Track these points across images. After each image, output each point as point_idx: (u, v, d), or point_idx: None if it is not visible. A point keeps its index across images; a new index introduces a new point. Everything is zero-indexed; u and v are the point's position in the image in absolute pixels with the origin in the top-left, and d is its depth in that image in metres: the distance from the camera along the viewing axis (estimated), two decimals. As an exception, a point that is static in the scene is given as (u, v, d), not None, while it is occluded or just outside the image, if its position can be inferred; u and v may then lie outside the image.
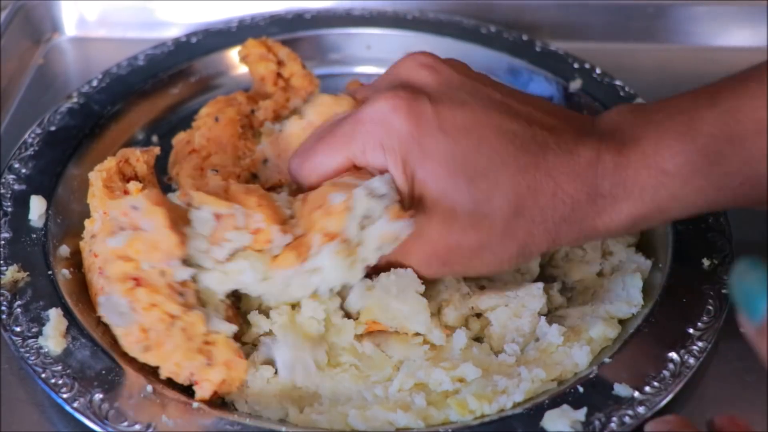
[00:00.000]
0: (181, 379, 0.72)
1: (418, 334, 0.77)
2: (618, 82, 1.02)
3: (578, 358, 0.76)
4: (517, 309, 0.79)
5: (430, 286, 0.78)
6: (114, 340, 0.75)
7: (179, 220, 0.72)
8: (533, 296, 0.79)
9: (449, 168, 0.72)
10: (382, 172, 0.74)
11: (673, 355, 0.74)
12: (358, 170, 0.75)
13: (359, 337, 0.77)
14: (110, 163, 0.81)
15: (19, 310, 0.77)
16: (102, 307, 0.74)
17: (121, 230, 0.72)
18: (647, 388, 0.72)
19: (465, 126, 0.72)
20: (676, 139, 0.70)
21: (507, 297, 0.79)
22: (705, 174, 0.70)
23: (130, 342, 0.72)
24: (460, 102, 0.74)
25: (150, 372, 0.73)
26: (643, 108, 0.75)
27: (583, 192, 0.72)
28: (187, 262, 0.72)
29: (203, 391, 0.72)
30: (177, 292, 0.72)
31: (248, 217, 0.72)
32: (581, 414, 0.70)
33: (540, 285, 0.80)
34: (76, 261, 0.84)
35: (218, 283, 0.73)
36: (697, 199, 0.72)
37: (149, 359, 0.72)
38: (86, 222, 0.81)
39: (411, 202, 0.73)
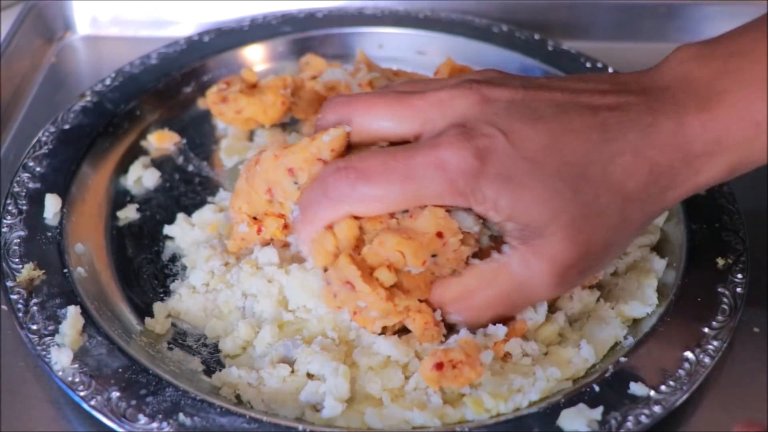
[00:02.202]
0: None
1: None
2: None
3: (587, 354, 0.76)
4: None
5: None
6: (129, 337, 0.76)
7: None
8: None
9: (548, 189, 0.69)
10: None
11: (689, 354, 0.74)
12: None
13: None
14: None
15: (35, 308, 0.77)
16: None
17: None
18: (663, 387, 0.72)
19: (544, 145, 0.70)
20: (764, 89, 0.69)
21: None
22: None
23: None
24: (530, 121, 0.71)
25: (167, 370, 0.74)
26: (709, 53, 0.73)
27: (677, 159, 0.70)
28: None
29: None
30: None
31: None
32: (597, 413, 0.70)
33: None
34: (90, 259, 0.84)
35: None
36: None
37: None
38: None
39: (520, 234, 0.71)
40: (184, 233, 0.87)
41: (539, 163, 0.69)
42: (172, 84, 1.04)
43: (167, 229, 0.88)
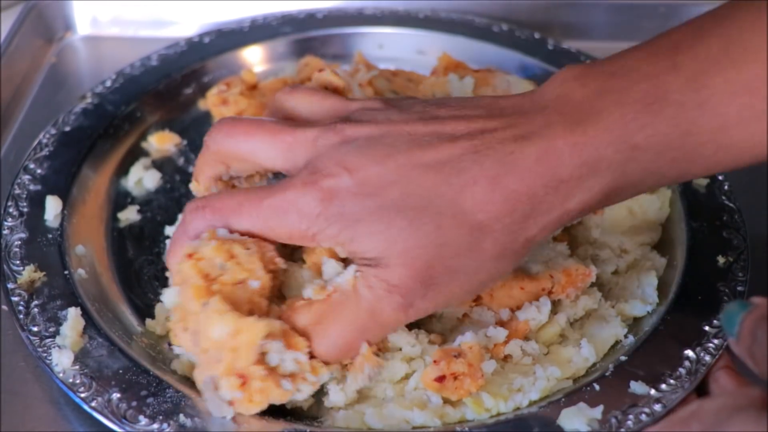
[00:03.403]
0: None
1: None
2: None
3: (587, 353, 0.76)
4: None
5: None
6: (130, 339, 0.76)
7: None
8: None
9: (383, 220, 0.68)
10: None
11: (689, 352, 0.74)
12: None
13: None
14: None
15: (36, 309, 0.77)
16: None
17: None
18: (663, 386, 0.72)
19: (389, 181, 0.68)
20: (643, 111, 0.65)
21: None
22: (678, 146, 0.66)
23: None
24: (381, 158, 0.69)
25: (168, 371, 0.74)
26: (591, 73, 0.69)
27: (539, 186, 0.67)
28: None
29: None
30: None
31: None
32: (598, 412, 0.70)
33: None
34: (91, 261, 0.84)
35: None
36: (669, 171, 0.68)
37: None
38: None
39: (364, 264, 0.70)
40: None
41: (379, 198, 0.68)
42: (172, 85, 1.04)
43: (168, 230, 0.88)
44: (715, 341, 0.75)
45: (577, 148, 0.66)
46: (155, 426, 0.69)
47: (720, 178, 0.90)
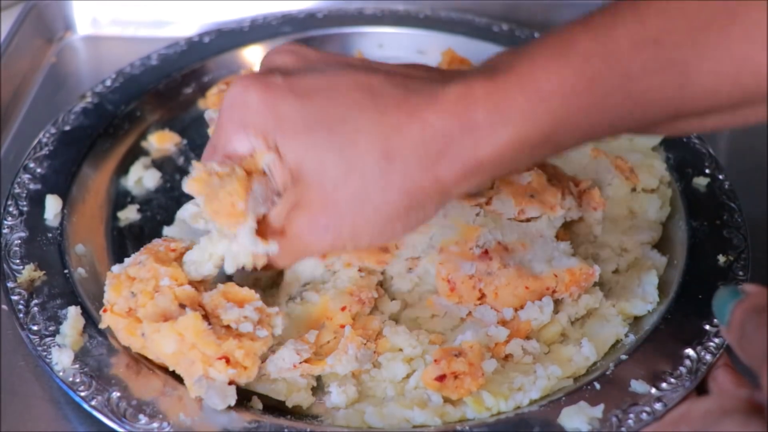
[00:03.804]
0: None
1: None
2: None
3: (588, 352, 0.76)
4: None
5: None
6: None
7: None
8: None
9: (306, 125, 0.69)
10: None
11: (690, 351, 0.74)
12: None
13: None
14: None
15: (36, 308, 0.77)
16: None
17: None
18: (664, 385, 0.72)
19: (317, 86, 0.70)
20: (550, 59, 0.66)
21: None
22: (585, 93, 0.66)
23: None
24: (314, 70, 0.71)
25: (167, 370, 0.74)
26: (526, 45, 0.71)
27: (454, 124, 0.67)
28: None
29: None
30: None
31: None
32: (598, 411, 0.70)
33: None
34: (91, 260, 0.84)
35: None
36: (581, 121, 0.68)
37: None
38: None
39: (288, 175, 0.71)
40: (182, 234, 0.87)
41: (304, 102, 0.69)
42: (172, 85, 1.05)
43: (166, 231, 0.89)
44: (716, 340, 0.75)
45: (491, 94, 0.67)
46: (155, 425, 0.69)
47: (720, 177, 0.90)
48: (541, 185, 0.82)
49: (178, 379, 0.73)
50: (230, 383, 0.71)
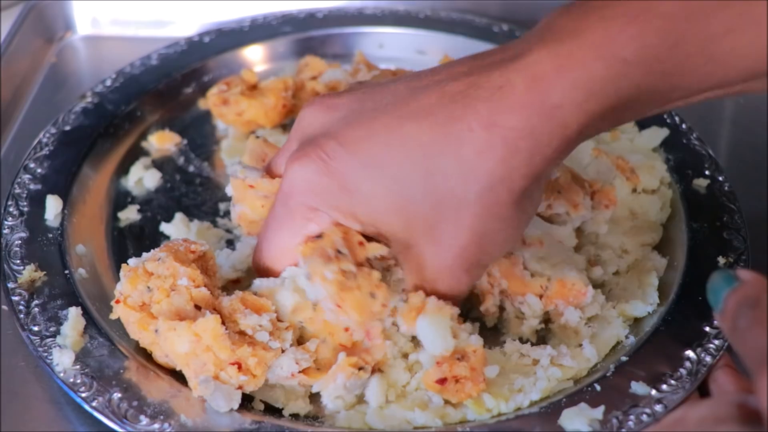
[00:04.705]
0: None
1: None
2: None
3: (589, 354, 0.76)
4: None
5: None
6: (131, 338, 0.76)
7: None
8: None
9: (395, 194, 0.67)
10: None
11: (690, 353, 0.74)
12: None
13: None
14: None
15: (36, 309, 0.77)
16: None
17: None
18: (664, 387, 0.72)
19: (382, 143, 0.67)
20: (630, 23, 0.62)
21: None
22: (666, 58, 0.63)
23: None
24: (367, 121, 0.68)
25: (169, 371, 0.74)
26: (574, 4, 0.66)
27: (534, 117, 0.64)
28: None
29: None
30: None
31: None
32: (599, 412, 0.70)
33: None
34: (92, 260, 0.84)
35: None
36: (662, 85, 0.64)
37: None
38: None
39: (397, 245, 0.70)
40: (179, 233, 0.87)
41: (380, 167, 0.67)
42: (172, 85, 1.05)
43: (164, 227, 0.89)
44: (716, 342, 0.75)
45: (564, 70, 0.64)
46: (156, 426, 0.69)
47: (720, 178, 0.90)
48: (567, 183, 0.82)
49: (180, 380, 0.73)
50: (238, 389, 0.71)
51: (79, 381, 0.72)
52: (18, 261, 0.80)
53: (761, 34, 0.62)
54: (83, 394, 0.71)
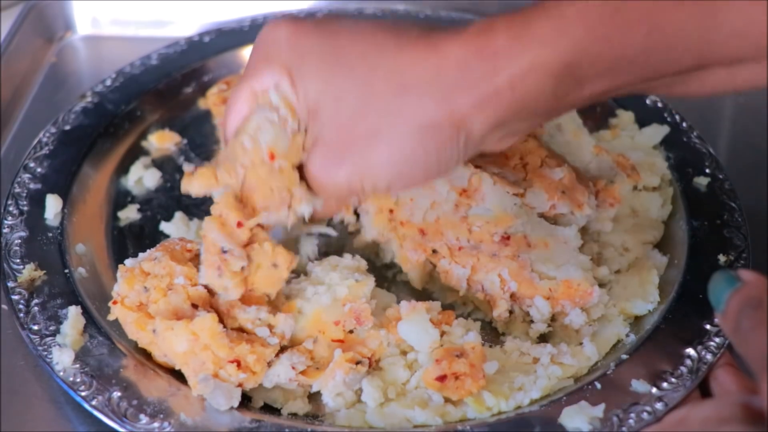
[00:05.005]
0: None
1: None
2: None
3: (590, 352, 0.76)
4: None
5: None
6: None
7: None
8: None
9: (326, 61, 0.69)
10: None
11: (691, 351, 0.74)
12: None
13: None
14: None
15: (36, 308, 0.77)
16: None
17: None
18: (665, 384, 0.72)
19: (343, 27, 0.70)
20: None
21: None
22: (608, 22, 0.63)
23: None
24: (342, 18, 0.73)
25: (168, 370, 0.74)
26: None
27: (471, 52, 0.65)
28: None
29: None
30: None
31: None
32: (599, 410, 0.70)
33: None
34: (91, 259, 0.84)
35: None
36: (603, 52, 0.64)
37: None
38: None
39: (306, 111, 0.71)
40: (179, 232, 0.87)
41: (327, 38, 0.70)
42: (172, 84, 1.05)
43: (163, 226, 0.89)
44: (717, 340, 0.75)
45: (512, 22, 0.65)
46: (156, 425, 0.69)
47: (721, 176, 0.90)
48: (571, 183, 0.82)
49: (179, 379, 0.73)
50: (237, 386, 0.71)
51: (78, 380, 0.72)
52: (18, 260, 0.80)
53: (704, 15, 0.62)
54: (83, 393, 0.71)
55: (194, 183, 0.74)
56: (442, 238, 0.80)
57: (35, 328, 0.75)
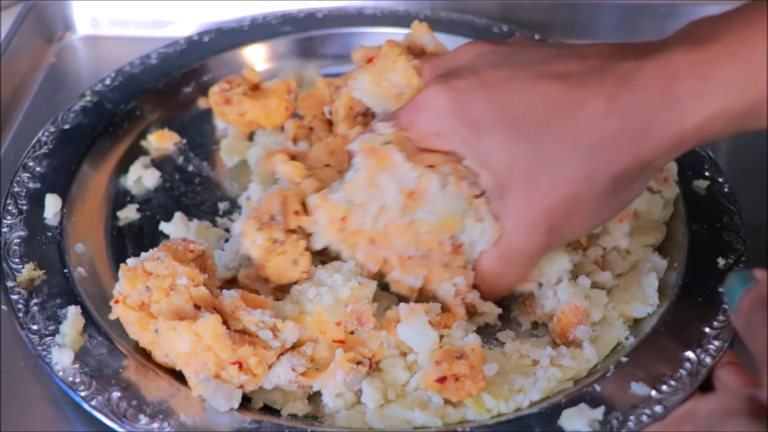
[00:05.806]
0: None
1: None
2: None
3: (589, 354, 0.76)
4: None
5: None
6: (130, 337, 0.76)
7: None
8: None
9: (502, 129, 0.70)
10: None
11: (690, 354, 0.74)
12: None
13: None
14: None
15: (35, 308, 0.77)
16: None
17: None
18: (664, 387, 0.72)
19: (515, 88, 0.70)
20: (764, 29, 0.65)
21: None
22: None
23: None
24: (508, 68, 0.72)
25: (168, 370, 0.74)
26: (720, 14, 0.69)
27: (656, 101, 0.67)
28: None
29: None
30: None
31: None
32: (599, 413, 0.70)
33: None
34: (91, 259, 0.84)
35: None
36: None
37: None
38: None
39: (490, 181, 0.72)
40: (179, 232, 0.87)
41: (504, 106, 0.70)
42: (172, 84, 1.04)
43: (163, 226, 0.89)
44: (716, 343, 0.75)
45: (697, 65, 0.66)
46: (155, 425, 0.69)
47: (720, 180, 0.90)
48: None
49: (179, 379, 0.73)
50: (239, 388, 0.71)
51: (78, 380, 0.72)
52: (17, 259, 0.80)
53: None
54: (82, 393, 0.71)
55: (287, 167, 0.81)
56: (391, 247, 0.77)
57: (34, 328, 0.75)
